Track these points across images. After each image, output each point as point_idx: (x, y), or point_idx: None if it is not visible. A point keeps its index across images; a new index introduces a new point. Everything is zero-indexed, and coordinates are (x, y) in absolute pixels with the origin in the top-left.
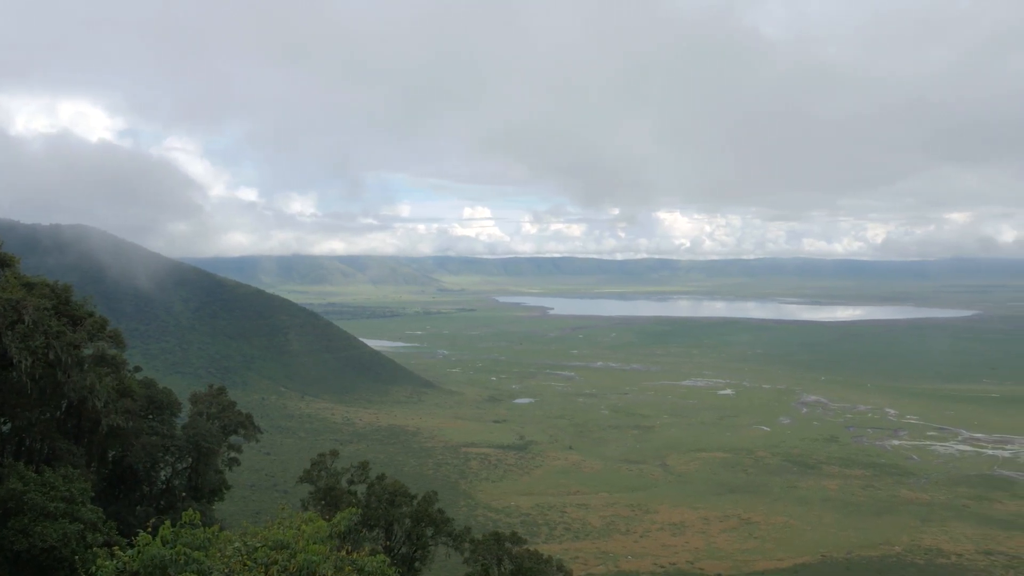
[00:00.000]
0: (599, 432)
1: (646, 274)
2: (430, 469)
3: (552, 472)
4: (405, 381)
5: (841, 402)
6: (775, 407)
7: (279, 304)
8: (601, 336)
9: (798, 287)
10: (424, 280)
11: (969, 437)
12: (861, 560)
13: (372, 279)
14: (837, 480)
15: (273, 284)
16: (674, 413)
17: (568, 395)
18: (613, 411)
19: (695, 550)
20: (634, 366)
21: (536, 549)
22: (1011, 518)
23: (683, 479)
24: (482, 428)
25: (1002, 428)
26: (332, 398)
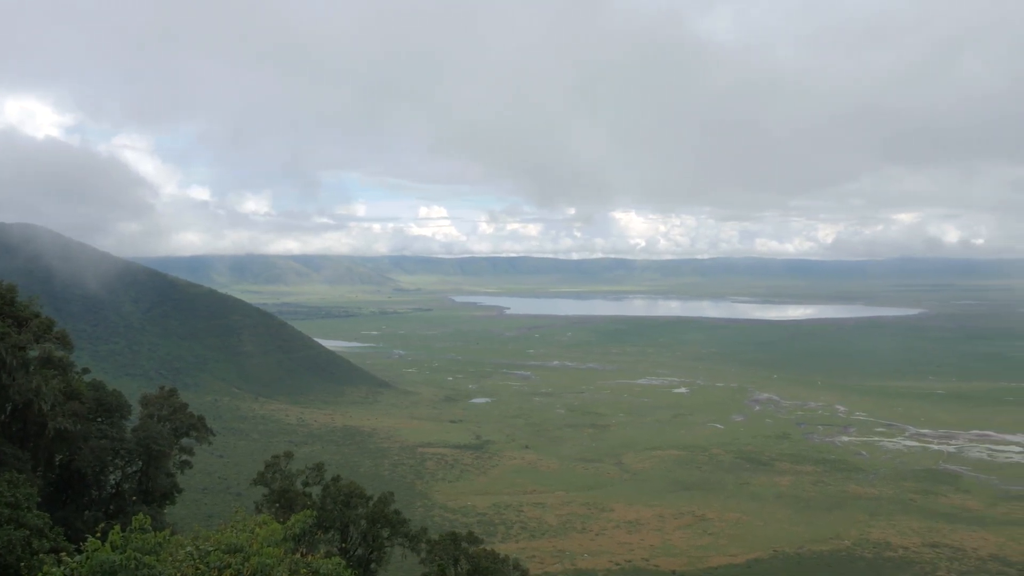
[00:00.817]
0: (555, 431)
1: (602, 273)
2: (386, 470)
3: (509, 471)
4: (361, 381)
5: (792, 399)
6: (728, 405)
7: (232, 304)
8: (558, 335)
9: (751, 286)
10: (380, 280)
11: (915, 433)
12: (812, 554)
13: (327, 279)
14: (789, 476)
15: (226, 284)
16: (630, 412)
17: (525, 394)
18: (569, 410)
19: (650, 547)
20: (590, 365)
21: (493, 549)
22: (955, 512)
23: (639, 477)
24: (438, 428)
25: (947, 424)
26: (286, 399)
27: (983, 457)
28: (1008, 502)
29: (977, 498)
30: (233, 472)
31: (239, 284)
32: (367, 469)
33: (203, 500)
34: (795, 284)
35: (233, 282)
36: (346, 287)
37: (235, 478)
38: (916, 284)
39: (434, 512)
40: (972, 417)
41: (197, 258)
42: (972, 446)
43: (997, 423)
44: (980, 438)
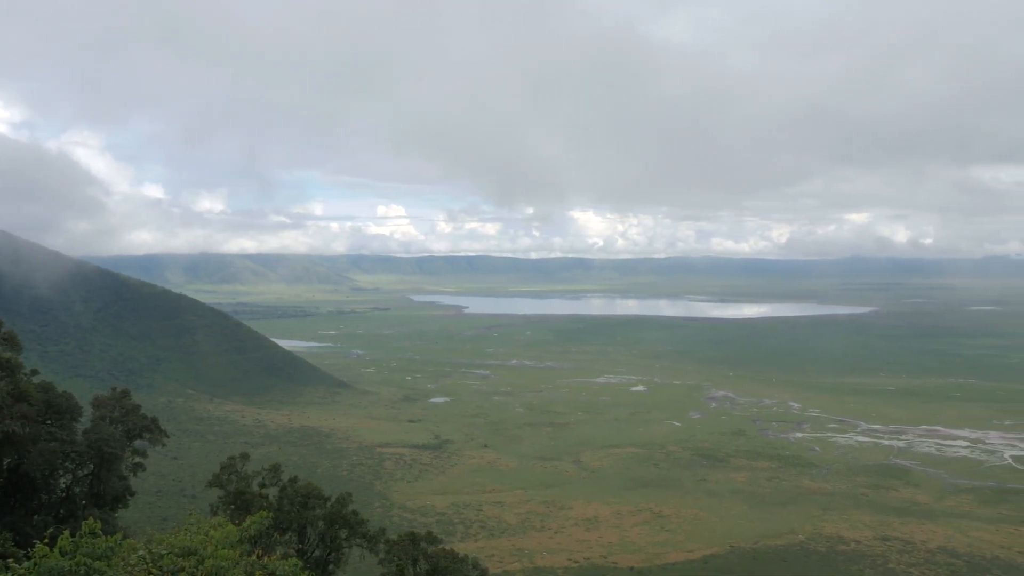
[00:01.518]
0: (514, 430)
1: (560, 273)
2: (344, 470)
3: (468, 471)
4: (318, 382)
5: (748, 397)
6: (685, 402)
7: (187, 304)
8: (516, 334)
9: (707, 285)
10: (338, 279)
11: (867, 429)
12: (767, 549)
13: (284, 278)
14: (744, 472)
15: (180, 284)
16: (588, 410)
17: (483, 393)
18: (528, 409)
19: (609, 544)
20: (549, 364)
21: (452, 548)
22: (905, 505)
23: (597, 475)
24: (397, 428)
25: (897, 419)
26: (242, 400)
27: (932, 452)
28: (956, 495)
29: (926, 492)
30: (188, 474)
31: (194, 284)
32: (325, 470)
33: (157, 503)
34: (750, 283)
35: (187, 282)
36: (303, 287)
37: (190, 480)
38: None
39: (393, 512)
40: (921, 413)
41: (150, 257)
42: (921, 441)
43: (945, 418)
44: (929, 433)
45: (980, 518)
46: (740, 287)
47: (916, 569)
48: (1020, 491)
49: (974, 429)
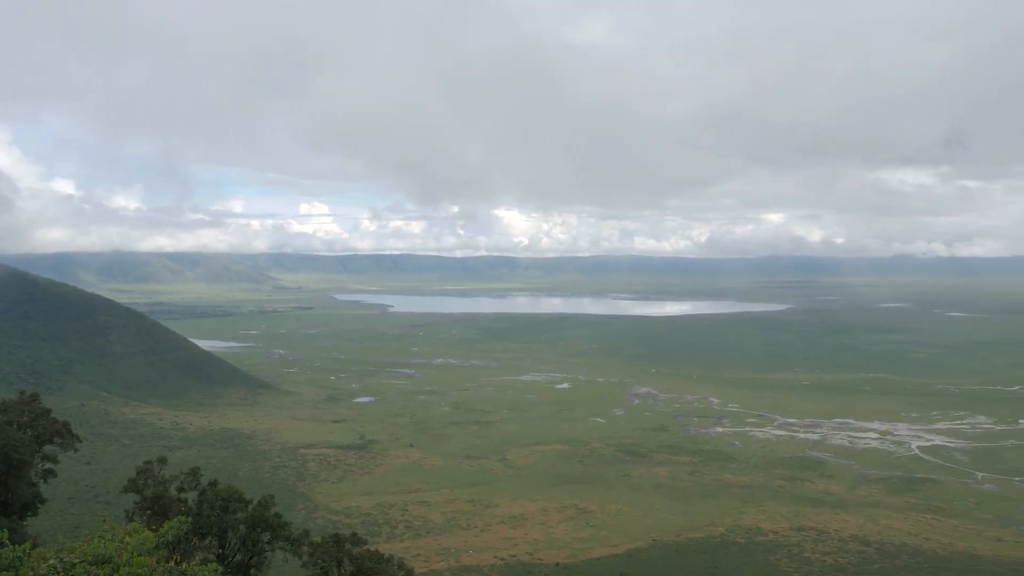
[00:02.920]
0: (440, 429)
1: (486, 271)
2: (266, 472)
3: (393, 470)
4: (239, 382)
5: (670, 393)
6: (609, 399)
7: (100, 304)
8: (442, 333)
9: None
10: (259, 278)
11: (784, 422)
12: (689, 542)
13: (203, 277)
14: (667, 467)
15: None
16: (513, 408)
17: (409, 393)
18: (454, 407)
19: (534, 541)
20: (474, 362)
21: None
22: (820, 496)
23: (522, 472)
24: (321, 428)
25: (812, 413)
26: (160, 402)
27: (844, 444)
28: (867, 485)
29: (839, 483)
30: (102, 480)
31: (108, 283)
32: (246, 472)
33: (69, 510)
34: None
35: (101, 281)
36: (223, 286)
37: (104, 486)
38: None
39: (317, 514)
40: (834, 406)
41: (62, 256)
42: (834, 434)
43: (857, 411)
44: (841, 426)
45: (889, 507)
46: (662, 285)
47: (830, 557)
48: (926, 480)
49: (883, 421)
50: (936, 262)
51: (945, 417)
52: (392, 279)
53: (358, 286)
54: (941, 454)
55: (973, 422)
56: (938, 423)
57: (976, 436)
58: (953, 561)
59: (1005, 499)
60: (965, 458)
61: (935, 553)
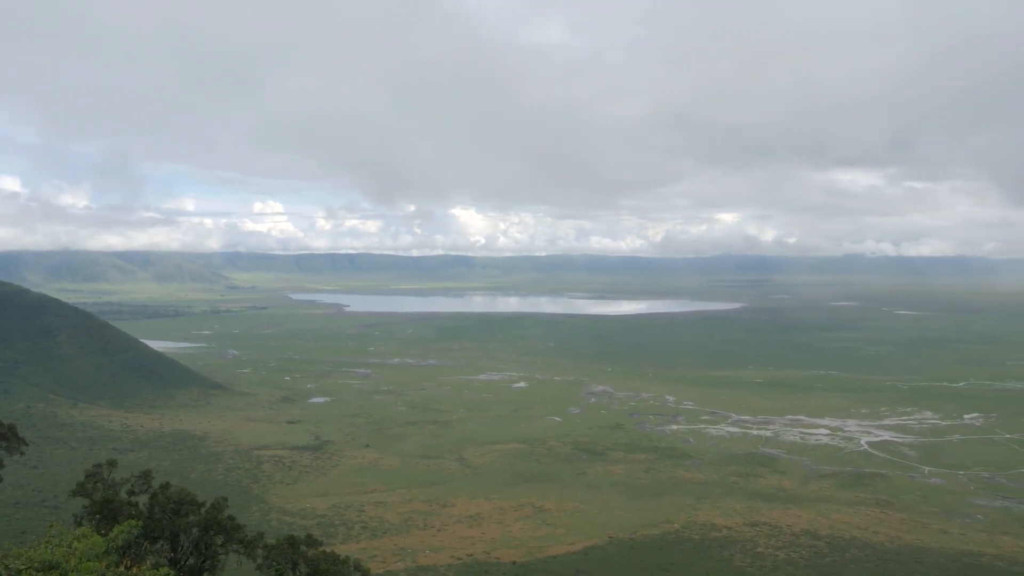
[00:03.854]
0: (396, 428)
1: (442, 270)
2: (220, 474)
3: (349, 471)
4: (192, 383)
5: (626, 391)
6: (566, 398)
7: (47, 304)
8: (398, 332)
9: (586, 282)
10: (212, 277)
11: (737, 419)
12: (645, 539)
13: (155, 276)
14: (623, 465)
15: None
16: (470, 407)
17: (365, 392)
18: (410, 407)
19: (491, 540)
20: (431, 362)
21: (333, 550)
22: (773, 492)
23: (479, 471)
24: (275, 429)
25: (765, 410)
26: (109, 404)
27: (796, 440)
28: (818, 480)
29: (791, 478)
30: (50, 484)
31: (55, 283)
32: (199, 475)
33: (15, 515)
34: (628, 280)
35: (48, 280)
36: (175, 285)
37: (52, 490)
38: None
39: (271, 516)
40: (787, 403)
41: (6, 254)
42: (787, 430)
43: (808, 408)
44: (794, 422)
45: (840, 501)
46: (618, 284)
47: (782, 552)
48: (875, 475)
49: (834, 418)
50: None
51: (893, 413)
52: (348, 278)
53: (313, 285)
54: (889, 449)
55: (920, 418)
56: (886, 419)
57: (923, 431)
58: (901, 554)
59: (950, 492)
60: (912, 453)
61: (883, 546)
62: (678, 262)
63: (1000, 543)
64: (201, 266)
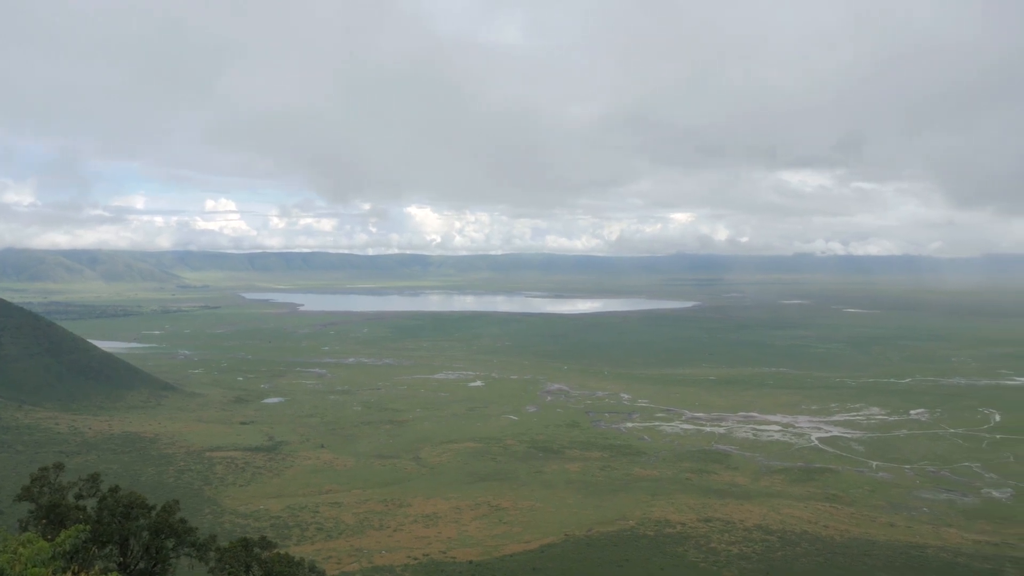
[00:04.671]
0: (352, 428)
1: (398, 269)
2: (171, 477)
3: (304, 472)
4: (142, 384)
5: (582, 389)
6: (522, 396)
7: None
8: (353, 332)
9: (542, 281)
10: (163, 276)
11: (691, 417)
12: (600, 536)
13: (103, 275)
14: (578, 463)
15: None
16: (426, 406)
17: (320, 392)
18: (366, 407)
19: (448, 539)
20: (386, 361)
21: (287, 552)
22: (726, 488)
23: (436, 471)
24: (228, 430)
25: (718, 407)
26: (56, 406)
27: (748, 436)
28: (769, 476)
29: (744, 474)
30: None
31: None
32: (149, 477)
33: None
34: (583, 279)
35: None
36: (125, 284)
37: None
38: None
39: (224, 518)
40: (739, 400)
41: None
42: (739, 427)
43: (760, 405)
44: (746, 419)
45: (791, 496)
46: (573, 283)
47: (735, 547)
48: (825, 470)
49: (785, 414)
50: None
51: (842, 409)
52: (302, 277)
53: (267, 284)
54: (839, 444)
55: (868, 413)
56: (836, 415)
57: (871, 427)
58: (849, 547)
59: (897, 486)
60: (861, 448)
61: (833, 539)
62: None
63: (945, 535)
64: (151, 265)
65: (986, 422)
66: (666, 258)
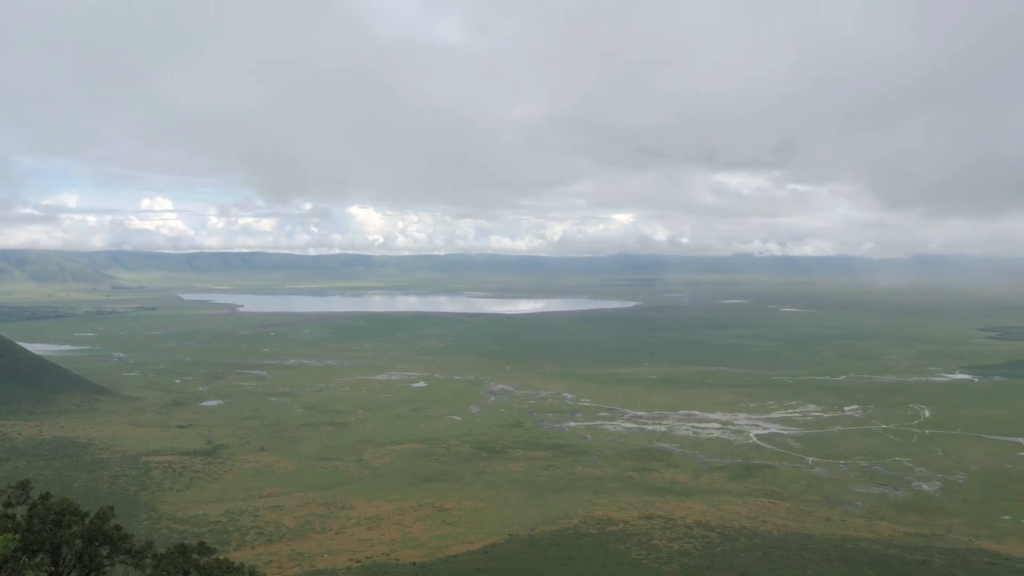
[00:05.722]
0: (293, 431)
1: (340, 269)
2: (105, 483)
3: (243, 475)
4: (74, 388)
5: (525, 389)
6: (465, 397)
7: None
8: (294, 333)
9: (486, 281)
10: (97, 277)
11: (633, 415)
12: (544, 535)
13: (32, 276)
14: (522, 463)
15: None
16: (369, 407)
17: (260, 394)
18: (307, 409)
19: (391, 541)
20: (328, 362)
21: (227, 558)
22: (667, 485)
23: (378, 472)
24: (165, 434)
25: (660, 406)
26: None
27: (689, 434)
28: (710, 473)
29: (685, 472)
30: None
31: None
32: (83, 483)
33: None
34: (527, 279)
35: None
36: (56, 285)
37: None
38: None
39: (161, 524)
40: (680, 399)
41: None
42: (680, 425)
43: (700, 403)
44: (687, 417)
45: (730, 493)
46: (517, 283)
47: (676, 543)
48: (763, 466)
49: (725, 412)
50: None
51: (780, 406)
52: (242, 278)
53: (206, 285)
54: (776, 441)
55: (804, 410)
56: (774, 412)
57: (807, 423)
58: (787, 541)
59: (832, 481)
60: (797, 444)
61: (771, 534)
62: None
63: (877, 528)
64: (84, 265)
65: (916, 418)
66: (608, 258)
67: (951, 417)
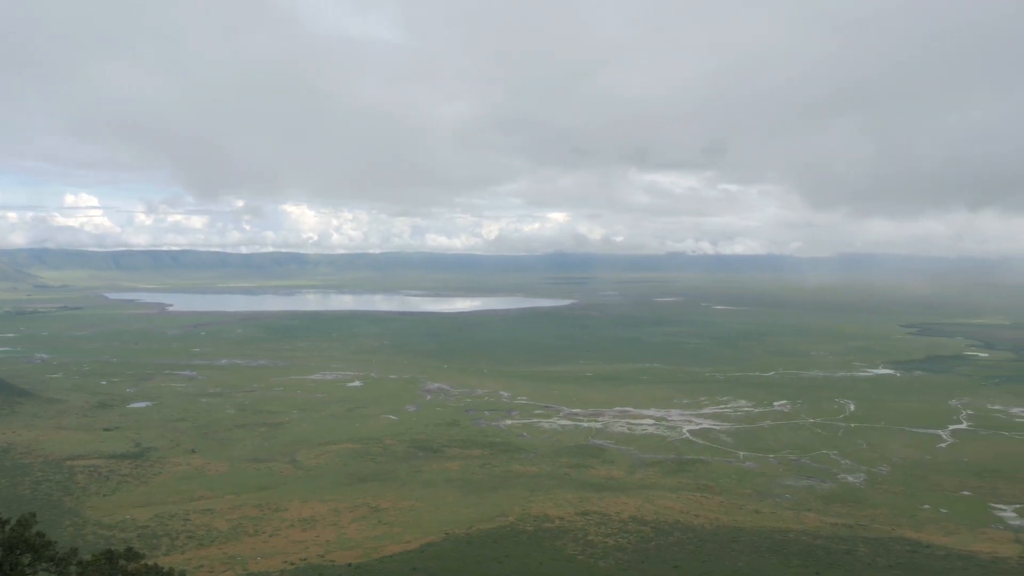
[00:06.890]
0: (225, 432)
1: (273, 268)
2: (27, 488)
3: (173, 478)
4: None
5: (461, 388)
6: (402, 396)
7: None
8: (226, 332)
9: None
10: (17, 276)
11: (569, 413)
12: (480, 533)
13: None
14: (458, 461)
15: None
16: (303, 408)
17: (190, 396)
18: (239, 409)
19: (326, 543)
20: (261, 362)
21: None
22: (603, 481)
23: (313, 473)
24: (91, 437)
25: (595, 403)
26: None
27: (624, 431)
28: (644, 469)
29: (620, 468)
30: None
31: None
32: (2, 490)
33: None
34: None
35: None
36: None
37: None
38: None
39: (87, 530)
40: (615, 396)
41: None
42: (615, 421)
43: (635, 400)
44: (622, 414)
45: (664, 487)
46: (453, 281)
47: (611, 539)
48: (696, 461)
49: (659, 408)
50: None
51: (712, 402)
52: (171, 276)
53: (133, 284)
54: (709, 436)
55: (735, 406)
56: (706, 408)
57: (738, 419)
58: (719, 534)
59: (762, 475)
60: (729, 439)
61: (703, 528)
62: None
63: (805, 519)
64: (4, 264)
65: (842, 412)
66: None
67: (875, 411)
